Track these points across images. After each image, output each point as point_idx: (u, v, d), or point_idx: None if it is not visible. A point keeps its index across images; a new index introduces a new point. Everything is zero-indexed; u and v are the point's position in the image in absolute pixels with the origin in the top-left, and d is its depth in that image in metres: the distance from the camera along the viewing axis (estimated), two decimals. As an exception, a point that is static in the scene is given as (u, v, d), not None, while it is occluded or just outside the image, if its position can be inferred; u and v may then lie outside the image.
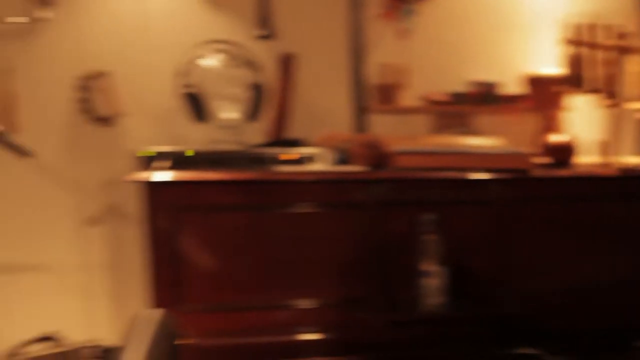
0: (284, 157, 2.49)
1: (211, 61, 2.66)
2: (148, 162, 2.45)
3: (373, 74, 3.00)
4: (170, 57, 2.73)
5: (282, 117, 2.83)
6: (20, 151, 1.98)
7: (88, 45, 2.80)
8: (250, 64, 2.68)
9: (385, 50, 3.02)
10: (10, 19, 2.71)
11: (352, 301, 2.48)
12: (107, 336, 2.69)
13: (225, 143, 2.62)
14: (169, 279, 2.44)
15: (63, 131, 2.83)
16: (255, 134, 2.77)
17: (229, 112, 2.65)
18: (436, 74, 3.07)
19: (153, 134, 2.81)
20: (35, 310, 2.88)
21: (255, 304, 2.46)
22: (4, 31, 2.74)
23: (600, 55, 2.90)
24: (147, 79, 2.83)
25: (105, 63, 2.79)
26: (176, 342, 1.36)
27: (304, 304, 2.47)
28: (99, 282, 2.91)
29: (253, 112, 2.67)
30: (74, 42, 2.80)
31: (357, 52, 2.97)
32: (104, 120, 2.81)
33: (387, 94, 3.00)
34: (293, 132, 2.85)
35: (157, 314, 1.42)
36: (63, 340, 1.27)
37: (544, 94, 2.99)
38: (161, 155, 2.45)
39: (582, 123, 3.05)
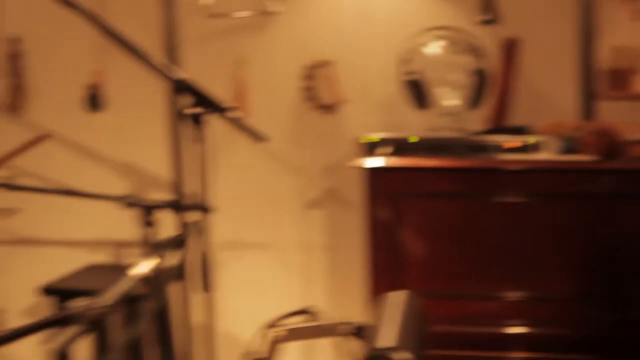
0: (507, 145, 2.42)
1: (433, 48, 2.64)
2: (370, 148, 2.50)
3: (604, 58, 2.82)
4: (392, 44, 2.76)
5: (503, 104, 2.75)
6: (256, 136, 2.11)
7: (314, 35, 2.91)
8: (473, 49, 2.62)
9: (618, 32, 2.81)
10: (241, 14, 2.89)
11: (572, 296, 2.37)
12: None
13: (445, 130, 2.60)
14: (386, 264, 2.48)
15: (289, 118, 2.98)
16: (476, 121, 2.72)
17: (450, 99, 2.63)
18: (677, 56, 2.81)
19: (374, 121, 2.86)
20: (257, 285, 3.07)
21: (466, 293, 2.44)
22: (239, 25, 2.94)
23: None
24: (369, 67, 2.88)
25: (330, 52, 2.89)
26: (424, 325, 1.38)
27: (515, 296, 2.40)
28: (318, 262, 3.03)
29: (475, 98, 2.61)
30: (301, 33, 2.92)
31: (587, 35, 2.80)
32: (327, 108, 2.91)
33: (620, 79, 2.80)
34: (515, 120, 2.75)
35: (406, 295, 1.45)
36: (319, 315, 1.34)
37: None
38: (383, 142, 2.49)
39: None
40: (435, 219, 2.47)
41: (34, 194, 2.28)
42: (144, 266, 1.23)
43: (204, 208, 2.04)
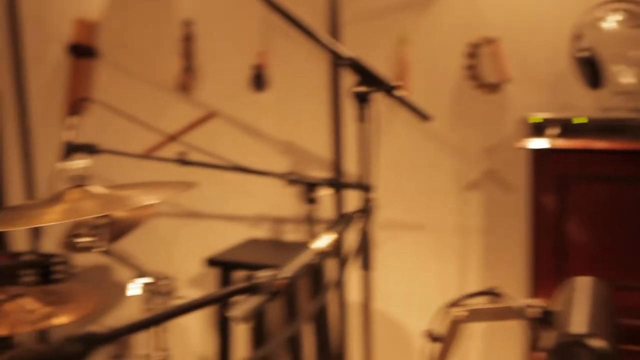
0: (693, 126, 2.24)
1: (609, 22, 2.48)
2: (535, 129, 2.41)
3: None
4: (561, 19, 2.63)
5: (686, 83, 2.55)
6: (421, 115, 2.08)
7: (477, 12, 2.83)
8: (654, 24, 2.45)
9: None
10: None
11: None
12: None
13: (620, 110, 2.45)
14: (550, 249, 2.40)
15: (450, 97, 2.92)
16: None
17: (626, 77, 2.46)
18: None
19: (539, 101, 2.75)
20: (412, 266, 3.06)
21: (632, 283, 2.30)
22: (402, 3, 2.91)
23: None
24: (535, 44, 2.76)
25: (494, 29, 2.79)
26: (614, 314, 1.32)
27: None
28: (474, 246, 2.97)
29: (655, 77, 2.44)
30: (464, 10, 2.85)
31: None
32: (491, 87, 2.82)
33: None
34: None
35: (593, 281, 1.39)
36: (506, 296, 1.32)
37: None
38: (549, 122, 2.39)
39: None
40: (605, 204, 2.35)
41: (201, 169, 2.38)
42: (323, 241, 1.25)
43: (365, 187, 2.05)
